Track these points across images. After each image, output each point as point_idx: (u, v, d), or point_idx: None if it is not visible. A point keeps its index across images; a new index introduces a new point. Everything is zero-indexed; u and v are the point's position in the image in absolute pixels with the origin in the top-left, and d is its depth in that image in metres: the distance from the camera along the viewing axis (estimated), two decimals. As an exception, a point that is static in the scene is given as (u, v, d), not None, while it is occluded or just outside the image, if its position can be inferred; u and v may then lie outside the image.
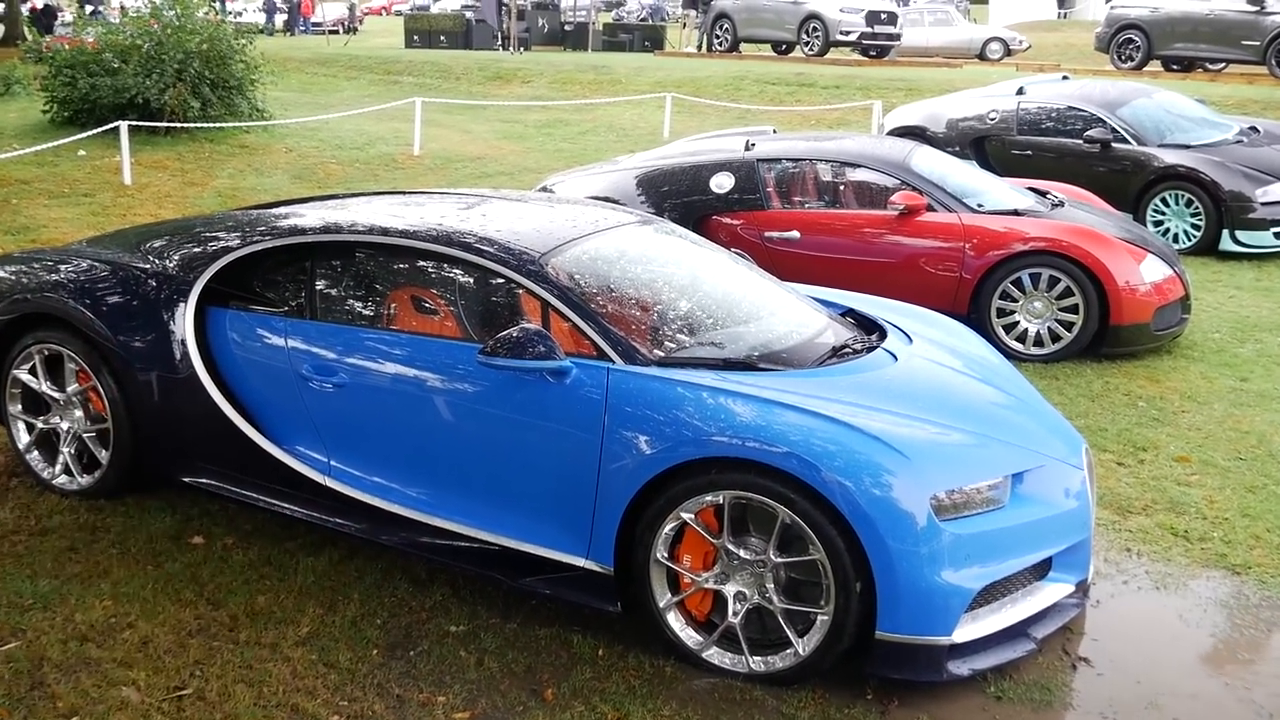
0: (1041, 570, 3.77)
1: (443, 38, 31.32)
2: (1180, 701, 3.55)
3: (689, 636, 3.65)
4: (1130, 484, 5.21)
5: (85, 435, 4.68)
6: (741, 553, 3.54)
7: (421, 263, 4.27)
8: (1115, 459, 5.50)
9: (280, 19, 41.25)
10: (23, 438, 4.85)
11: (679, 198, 7.93)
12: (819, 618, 3.45)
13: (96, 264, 4.72)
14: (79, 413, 4.70)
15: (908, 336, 4.51)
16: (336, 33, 38.54)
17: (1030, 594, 3.72)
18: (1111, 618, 4.07)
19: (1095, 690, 3.62)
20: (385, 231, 4.26)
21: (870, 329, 4.66)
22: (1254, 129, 11.03)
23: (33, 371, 4.74)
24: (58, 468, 4.77)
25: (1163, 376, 6.77)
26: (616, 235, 4.51)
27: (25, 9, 32.04)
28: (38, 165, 12.21)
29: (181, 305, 4.42)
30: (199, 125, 14.09)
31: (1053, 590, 3.78)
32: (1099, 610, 4.10)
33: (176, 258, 4.58)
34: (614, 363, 3.74)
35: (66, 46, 14.69)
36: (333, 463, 4.21)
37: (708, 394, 3.62)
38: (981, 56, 28.69)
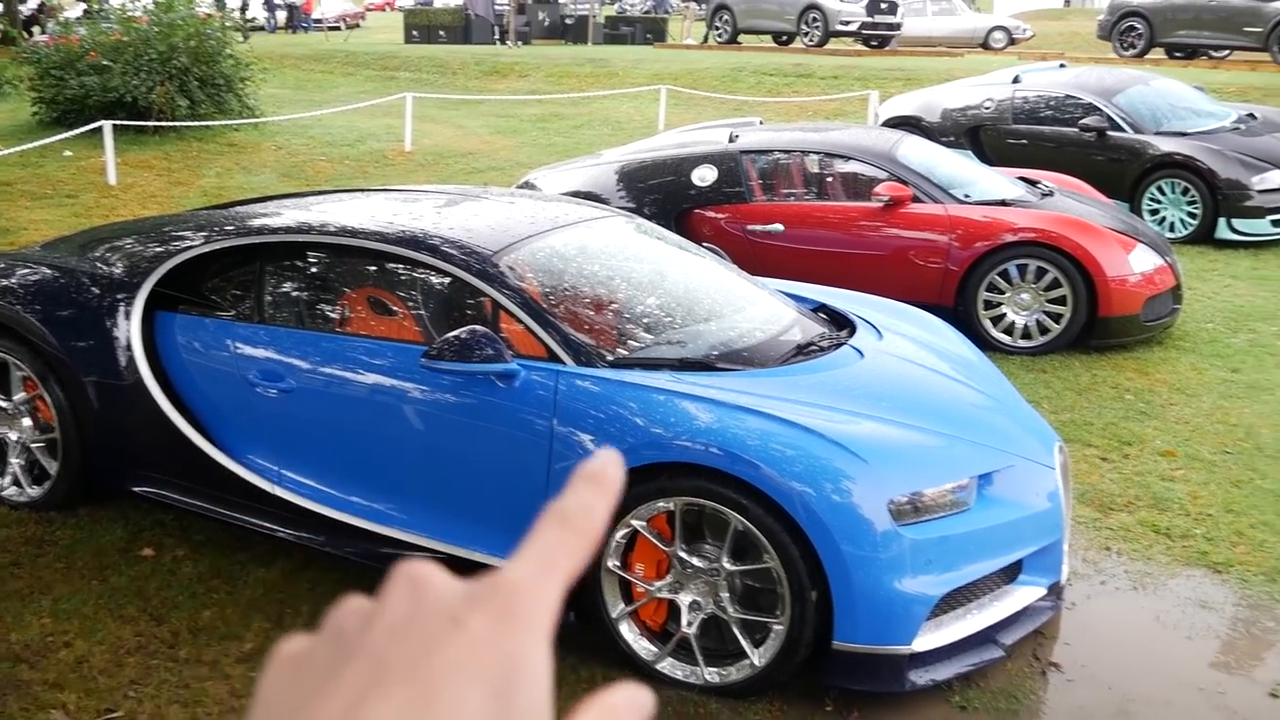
0: (1011, 573, 3.63)
1: (442, 32, 31.09)
2: (1152, 708, 3.42)
3: (643, 647, 3.52)
4: (1113, 480, 5.06)
5: (34, 445, 4.56)
6: (695, 561, 3.41)
7: (372, 263, 4.14)
8: (1099, 454, 5.35)
9: (282, 15, 41.16)
10: (-28, 448, 4.73)
11: (660, 191, 7.78)
12: (775, 627, 3.32)
13: (42, 268, 4.60)
14: (27, 422, 4.58)
15: (878, 332, 4.37)
16: (338, 29, 38.41)
17: (999, 598, 3.59)
18: (1086, 620, 3.93)
19: (1064, 697, 3.48)
20: (333, 231, 4.13)
21: (841, 325, 4.53)
22: (1251, 116, 10.83)
23: (-20, 380, 4.63)
24: (7, 479, 4.64)
25: (1152, 369, 6.61)
26: (577, 232, 4.37)
27: (25, 8, 31.90)
28: (21, 166, 12.08)
29: (127, 310, 4.29)
30: (187, 124, 13.95)
31: (1023, 594, 3.65)
32: (1074, 613, 3.97)
33: (124, 261, 4.46)
34: (565, 364, 3.61)
35: (50, 45, 14.53)
36: (282, 471, 4.08)
37: (660, 396, 3.49)
38: (985, 45, 28.35)
